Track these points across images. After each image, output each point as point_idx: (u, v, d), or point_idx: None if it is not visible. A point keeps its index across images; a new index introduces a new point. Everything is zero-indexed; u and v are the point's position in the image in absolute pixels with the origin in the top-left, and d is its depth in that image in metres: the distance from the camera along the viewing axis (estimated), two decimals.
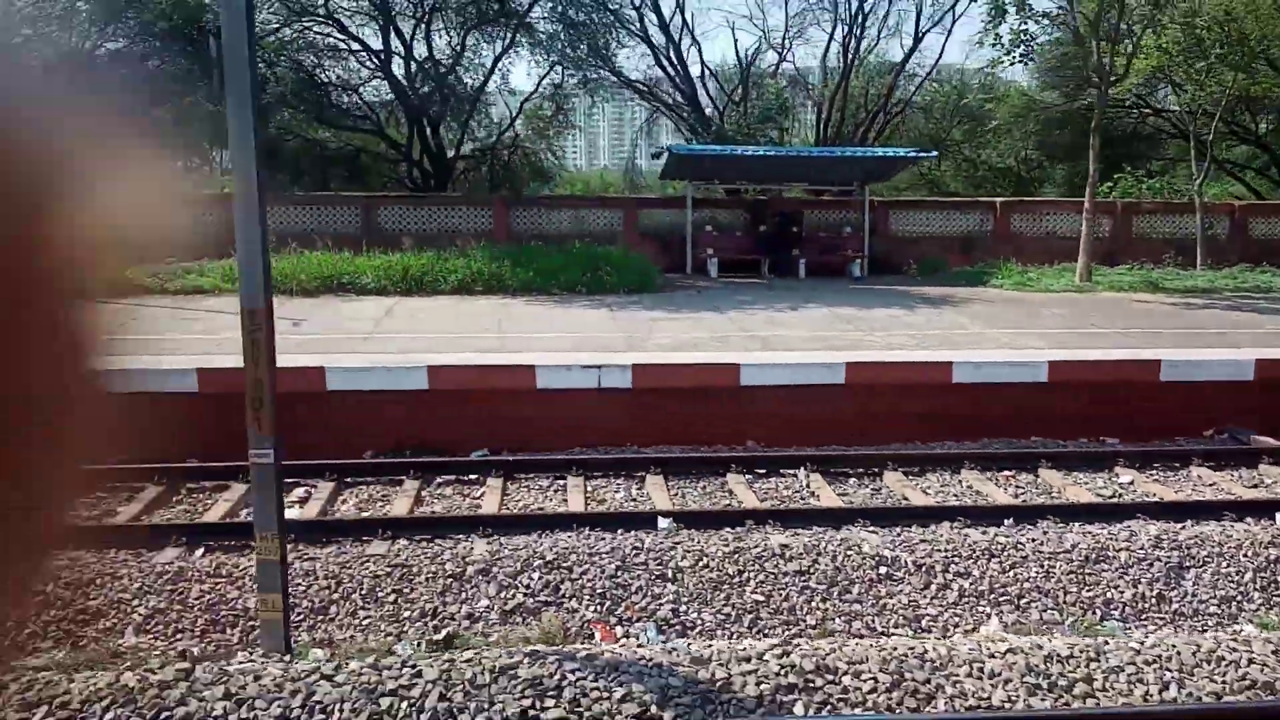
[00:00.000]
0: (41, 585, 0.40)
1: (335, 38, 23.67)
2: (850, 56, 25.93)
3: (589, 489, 8.59)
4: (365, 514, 8.02)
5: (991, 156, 31.32)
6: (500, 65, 26.04)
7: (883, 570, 6.76)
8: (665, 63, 25.63)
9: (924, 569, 6.82)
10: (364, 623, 6.21)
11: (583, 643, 6.04)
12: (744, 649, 4.85)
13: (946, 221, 22.17)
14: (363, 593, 6.40)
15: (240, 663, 4.95)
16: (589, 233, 20.95)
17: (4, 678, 4.71)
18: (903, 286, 17.65)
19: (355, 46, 23.93)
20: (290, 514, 8.01)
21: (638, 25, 24.67)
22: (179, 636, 6.05)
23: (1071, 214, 21.02)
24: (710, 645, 4.95)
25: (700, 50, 28.32)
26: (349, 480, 8.74)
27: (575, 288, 15.34)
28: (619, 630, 6.21)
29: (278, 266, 15.43)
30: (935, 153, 23.06)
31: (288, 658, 5.18)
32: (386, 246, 18.48)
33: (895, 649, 4.91)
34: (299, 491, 8.53)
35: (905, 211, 22.44)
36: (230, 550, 6.99)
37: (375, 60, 24.03)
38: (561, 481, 8.76)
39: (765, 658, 4.72)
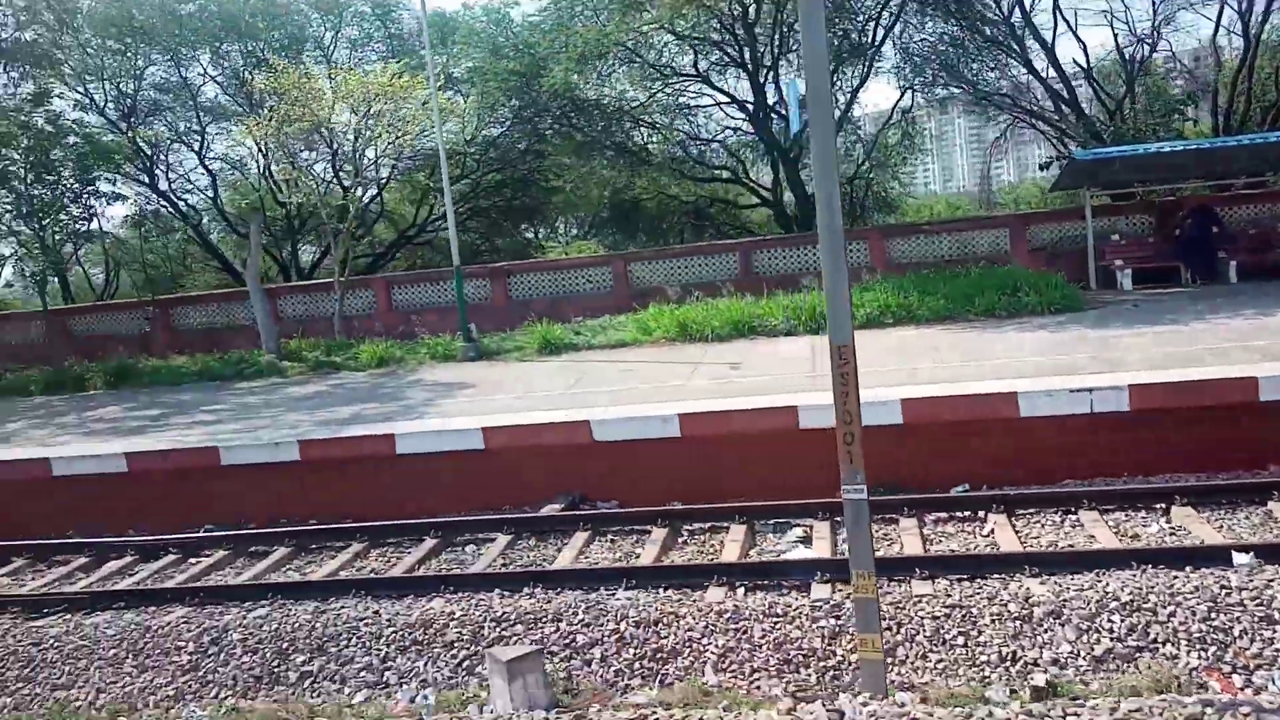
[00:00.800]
0: None
1: (705, 94, 24.57)
2: (1254, 35, 23.00)
3: (1109, 523, 7.88)
4: (879, 552, 7.84)
5: None
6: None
7: None
8: (1035, 69, 24.10)
9: None
10: (937, 666, 5.97)
11: (1196, 691, 5.42)
12: None
13: None
14: (926, 634, 6.16)
15: (860, 703, 4.85)
16: (972, 255, 20.09)
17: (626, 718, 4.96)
18: None
19: (719, 98, 24.70)
20: (798, 553, 8.04)
21: (1004, 34, 23.42)
22: (756, 676, 6.12)
23: None
24: None
25: (1086, 49, 26.36)
26: (839, 519, 8.63)
27: (994, 311, 14.53)
28: (1236, 680, 5.51)
29: (687, 315, 16.04)
30: None
31: (886, 700, 5.03)
32: (763, 289, 18.75)
33: None
34: (796, 532, 8.55)
35: None
36: (770, 590, 7.04)
37: (744, 110, 24.63)
38: (1073, 515, 8.11)
39: None
